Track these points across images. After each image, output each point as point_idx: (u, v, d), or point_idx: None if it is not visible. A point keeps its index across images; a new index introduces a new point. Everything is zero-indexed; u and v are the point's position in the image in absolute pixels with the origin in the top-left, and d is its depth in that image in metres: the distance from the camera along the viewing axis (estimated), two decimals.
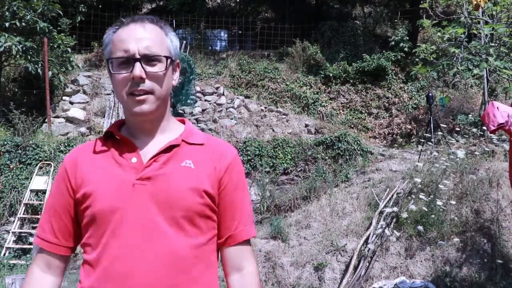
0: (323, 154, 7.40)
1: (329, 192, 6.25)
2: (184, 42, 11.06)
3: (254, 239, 5.51)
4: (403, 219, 5.10)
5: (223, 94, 9.74)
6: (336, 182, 6.67)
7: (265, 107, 9.76)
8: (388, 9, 14.44)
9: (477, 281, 4.50)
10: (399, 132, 9.85)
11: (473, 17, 5.07)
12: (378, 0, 15.64)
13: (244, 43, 13.60)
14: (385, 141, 9.92)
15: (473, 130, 7.46)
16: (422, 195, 5.09)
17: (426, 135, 7.01)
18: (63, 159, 1.25)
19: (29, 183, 6.44)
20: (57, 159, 6.75)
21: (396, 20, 12.62)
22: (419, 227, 4.85)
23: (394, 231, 5.01)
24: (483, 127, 6.29)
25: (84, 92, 9.21)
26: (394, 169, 6.73)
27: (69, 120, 8.68)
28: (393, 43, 11.20)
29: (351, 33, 11.98)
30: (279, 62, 11.68)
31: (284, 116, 9.55)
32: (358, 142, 7.51)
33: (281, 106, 10.17)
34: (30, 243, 6.13)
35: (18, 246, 6.11)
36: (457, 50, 4.98)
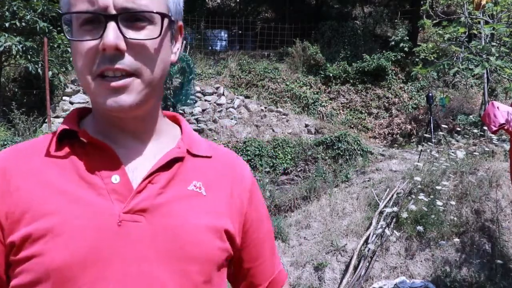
0: (323, 154, 7.40)
1: (329, 192, 6.25)
2: (184, 42, 11.05)
3: None
4: (403, 219, 5.10)
5: (223, 94, 9.74)
6: (336, 182, 6.67)
7: (265, 107, 9.76)
8: (388, 9, 14.44)
9: (477, 281, 4.50)
10: (399, 132, 9.86)
11: (474, 17, 5.07)
12: (378, 0, 15.64)
13: (244, 43, 13.59)
14: (385, 141, 9.92)
15: (473, 130, 7.46)
16: (422, 195, 5.09)
17: (426, 135, 7.01)
18: None
19: None
20: None
21: (396, 20, 12.62)
22: (419, 227, 4.85)
23: (394, 231, 5.01)
24: (484, 127, 6.29)
25: (84, 92, 9.22)
26: (394, 169, 6.73)
27: None
28: (393, 43, 11.20)
29: (351, 33, 11.98)
30: (279, 62, 11.67)
31: (284, 116, 9.55)
32: (358, 142, 7.51)
33: (281, 106, 10.17)
34: None
35: None
36: (458, 49, 4.98)
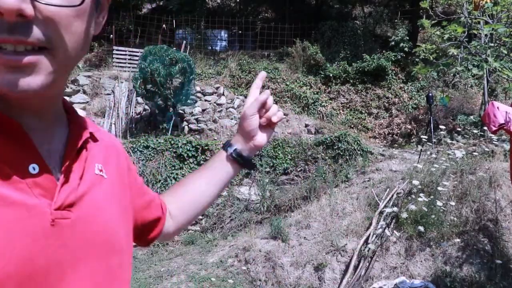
0: (323, 154, 7.40)
1: (329, 192, 6.25)
2: (184, 42, 11.06)
3: (254, 239, 5.50)
4: (403, 219, 5.10)
5: (223, 94, 9.74)
6: (336, 182, 6.67)
7: None
8: (388, 9, 14.44)
9: (477, 281, 4.50)
10: (399, 132, 9.86)
11: (473, 17, 5.07)
12: (378, 0, 15.64)
13: (244, 43, 13.60)
14: (385, 141, 9.92)
15: (473, 130, 7.46)
16: (422, 195, 5.09)
17: (426, 135, 7.01)
18: None
19: None
20: None
21: (396, 20, 12.62)
22: (419, 227, 4.86)
23: (394, 231, 5.01)
24: (483, 127, 6.29)
25: (84, 92, 9.22)
26: (394, 169, 6.73)
27: None
28: (393, 43, 11.20)
29: (351, 33, 11.98)
30: (279, 62, 11.68)
31: (284, 116, 9.54)
32: (358, 142, 7.52)
33: (281, 106, 10.17)
34: None
35: None
36: (457, 50, 4.98)
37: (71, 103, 9.16)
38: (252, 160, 1.04)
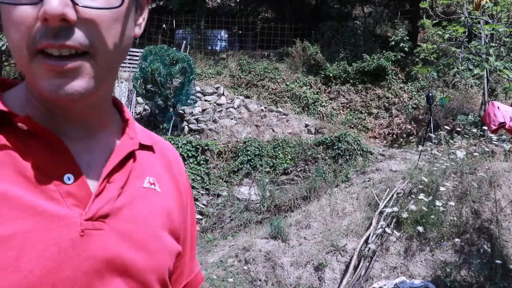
0: (323, 154, 7.40)
1: (329, 192, 6.25)
2: (184, 42, 11.07)
3: (254, 239, 5.50)
4: (403, 219, 5.10)
5: (223, 94, 9.74)
6: (336, 182, 6.67)
7: (265, 107, 9.76)
8: (388, 9, 14.44)
9: (477, 281, 4.50)
10: (399, 132, 9.86)
11: (473, 17, 5.07)
12: (378, 0, 15.64)
13: (244, 43, 13.60)
14: (385, 141, 9.92)
15: (473, 130, 7.46)
16: (422, 195, 5.09)
17: (426, 135, 7.01)
18: None
19: None
20: None
21: (396, 20, 12.63)
22: (419, 227, 4.85)
23: (394, 231, 5.01)
24: (483, 127, 6.29)
25: None
26: (394, 169, 6.73)
27: None
28: (393, 43, 11.20)
29: (351, 33, 11.98)
30: (279, 62, 11.68)
31: (284, 116, 9.55)
32: (358, 142, 7.52)
33: (281, 106, 10.17)
34: None
35: None
36: (457, 50, 4.98)
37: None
38: None
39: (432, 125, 7.27)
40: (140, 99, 9.05)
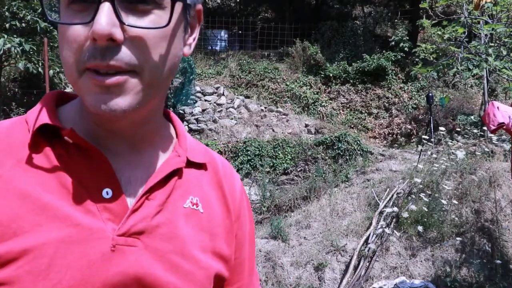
0: (323, 154, 7.41)
1: (329, 192, 6.25)
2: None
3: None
4: (403, 219, 5.10)
5: (223, 94, 9.75)
6: (336, 182, 6.67)
7: (265, 107, 9.77)
8: (388, 9, 14.44)
9: (477, 281, 4.50)
10: (399, 132, 9.86)
11: (473, 17, 5.07)
12: (378, 0, 15.64)
13: (244, 43, 13.60)
14: (385, 141, 9.92)
15: (473, 130, 7.46)
16: (422, 195, 5.09)
17: (426, 135, 7.01)
18: None
19: None
20: None
21: (396, 20, 12.63)
22: (419, 227, 4.86)
23: (394, 231, 5.01)
24: (483, 127, 6.29)
25: None
26: (394, 169, 6.73)
27: None
28: (393, 43, 11.20)
29: (351, 33, 11.98)
30: (279, 62, 11.68)
31: (284, 116, 9.55)
32: (358, 142, 7.52)
33: (281, 106, 10.17)
34: None
35: None
36: (457, 50, 4.98)
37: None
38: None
39: (432, 125, 7.27)
40: None
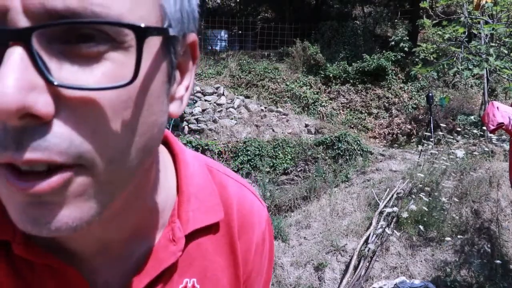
0: (323, 154, 7.40)
1: (329, 192, 6.25)
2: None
3: None
4: (403, 219, 5.10)
5: (223, 94, 9.74)
6: (336, 182, 6.67)
7: (265, 107, 9.76)
8: (388, 9, 14.44)
9: (477, 281, 4.50)
10: (399, 132, 9.86)
11: (473, 17, 5.07)
12: (378, 0, 15.64)
13: (244, 43, 13.60)
14: (385, 141, 9.92)
15: (473, 130, 7.46)
16: (422, 194, 5.09)
17: (426, 134, 7.01)
18: None
19: None
20: None
21: (396, 20, 12.63)
22: (419, 227, 4.86)
23: (394, 231, 5.01)
24: (483, 127, 6.29)
25: None
26: (394, 169, 6.73)
27: None
28: (393, 43, 11.20)
29: (351, 33, 11.98)
30: (279, 62, 11.68)
31: (284, 116, 9.55)
32: (358, 142, 7.52)
33: (281, 106, 10.17)
34: None
35: None
36: (457, 50, 4.98)
37: None
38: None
39: (432, 125, 7.27)
40: None
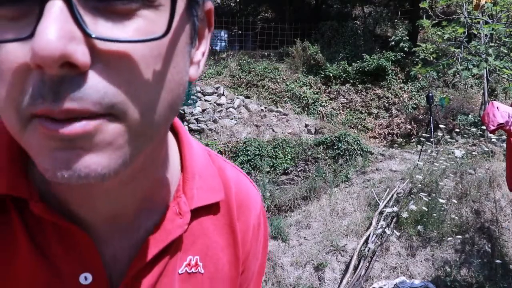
0: (323, 154, 7.40)
1: (329, 192, 6.25)
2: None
3: None
4: (403, 219, 5.10)
5: (223, 94, 9.75)
6: (336, 182, 6.67)
7: (265, 107, 9.77)
8: (388, 9, 14.44)
9: (477, 281, 4.50)
10: (399, 132, 9.86)
11: (473, 17, 5.07)
12: (378, 0, 15.64)
13: (244, 43, 13.60)
14: (385, 141, 9.92)
15: (472, 130, 7.47)
16: (422, 194, 5.09)
17: (426, 135, 7.02)
18: None
19: None
20: None
21: (396, 20, 12.63)
22: (419, 227, 4.86)
23: (394, 231, 5.02)
24: (483, 127, 6.29)
25: None
26: (394, 169, 6.73)
27: None
28: (393, 43, 11.20)
29: (351, 33, 11.98)
30: (279, 62, 11.68)
31: (284, 116, 9.55)
32: (358, 142, 7.52)
33: (281, 106, 10.17)
34: None
35: None
36: (457, 50, 4.98)
37: None
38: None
39: (432, 125, 7.27)
40: None
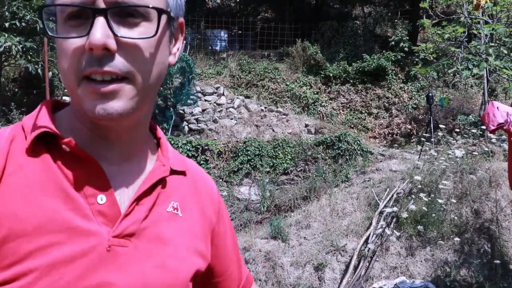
0: (323, 154, 7.40)
1: (329, 192, 6.25)
2: (184, 42, 11.06)
3: (254, 239, 5.51)
4: (403, 219, 5.10)
5: (223, 94, 9.75)
6: (336, 182, 6.67)
7: (265, 107, 9.77)
8: (388, 9, 14.44)
9: (477, 281, 4.50)
10: (399, 132, 9.86)
11: (473, 17, 5.07)
12: (378, 0, 15.64)
13: (244, 43, 13.60)
14: (385, 141, 9.92)
15: (472, 130, 7.47)
16: (422, 194, 5.09)
17: (426, 135, 7.01)
18: None
19: None
20: None
21: (396, 20, 12.63)
22: (419, 227, 4.86)
23: (394, 231, 5.01)
24: (483, 127, 6.29)
25: None
26: (394, 169, 6.73)
27: None
28: (393, 43, 11.20)
29: (351, 33, 11.98)
30: (279, 62, 11.68)
31: (284, 116, 9.55)
32: (358, 142, 7.51)
33: (281, 106, 10.17)
34: None
35: None
36: (457, 50, 4.98)
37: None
38: None
39: (432, 125, 7.27)
40: None
